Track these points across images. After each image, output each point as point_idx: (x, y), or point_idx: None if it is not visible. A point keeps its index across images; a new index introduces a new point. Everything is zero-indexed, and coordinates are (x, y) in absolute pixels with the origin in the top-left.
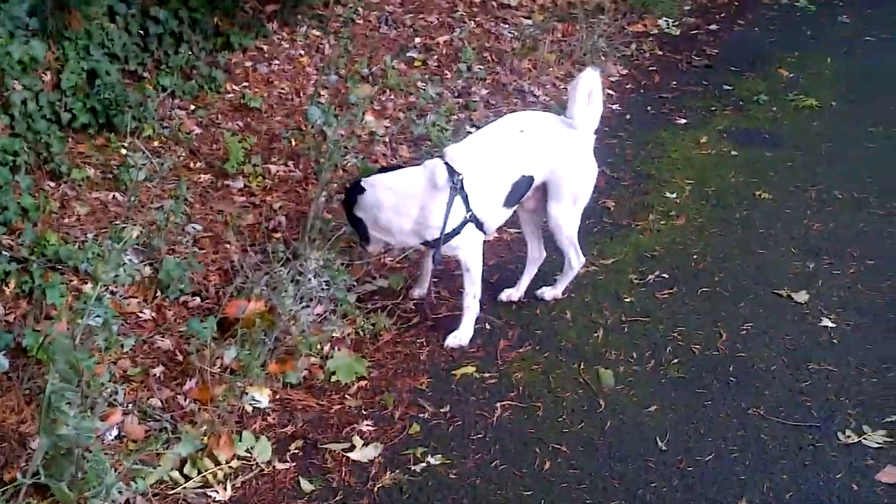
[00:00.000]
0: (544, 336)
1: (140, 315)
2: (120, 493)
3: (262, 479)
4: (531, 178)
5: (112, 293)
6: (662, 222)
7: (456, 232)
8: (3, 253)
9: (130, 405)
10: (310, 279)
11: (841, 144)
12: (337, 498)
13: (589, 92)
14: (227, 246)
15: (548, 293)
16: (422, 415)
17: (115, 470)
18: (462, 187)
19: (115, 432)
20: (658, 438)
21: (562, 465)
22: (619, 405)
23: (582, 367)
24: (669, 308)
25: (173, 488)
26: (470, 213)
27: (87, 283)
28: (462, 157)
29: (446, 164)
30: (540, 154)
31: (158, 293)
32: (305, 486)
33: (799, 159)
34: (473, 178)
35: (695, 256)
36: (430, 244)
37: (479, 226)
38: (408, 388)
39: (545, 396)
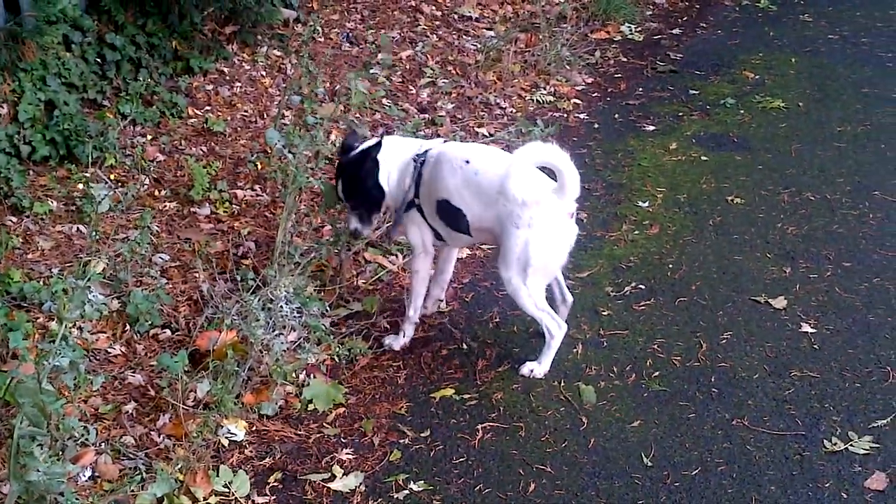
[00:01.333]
0: (523, 354)
1: (109, 351)
2: None
3: None
4: (459, 210)
5: (80, 329)
6: (636, 232)
7: (406, 209)
8: None
9: (103, 444)
10: (281, 306)
11: (810, 145)
12: None
13: (543, 167)
14: (196, 275)
15: (530, 368)
16: (402, 440)
17: None
18: (419, 172)
19: (88, 473)
20: (643, 454)
21: (547, 486)
22: (601, 422)
23: (562, 384)
24: (648, 320)
25: None
26: (418, 200)
27: (53, 320)
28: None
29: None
30: (468, 193)
31: (127, 327)
32: None
33: (769, 162)
34: (426, 175)
35: (670, 266)
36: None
37: (433, 232)
38: (387, 414)
39: (527, 416)
